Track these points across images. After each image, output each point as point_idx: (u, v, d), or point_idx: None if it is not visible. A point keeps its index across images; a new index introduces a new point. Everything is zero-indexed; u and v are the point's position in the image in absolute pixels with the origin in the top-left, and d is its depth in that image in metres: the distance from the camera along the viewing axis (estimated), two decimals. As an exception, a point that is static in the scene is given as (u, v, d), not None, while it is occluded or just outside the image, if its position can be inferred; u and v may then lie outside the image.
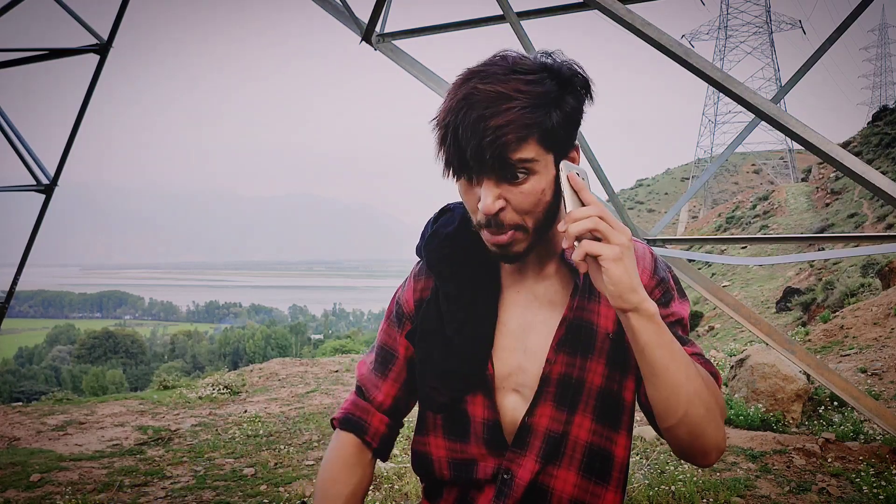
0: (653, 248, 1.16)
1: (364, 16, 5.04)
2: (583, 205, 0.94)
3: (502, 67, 0.97)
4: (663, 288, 1.09)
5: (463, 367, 1.12)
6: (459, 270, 1.13)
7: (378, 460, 1.29)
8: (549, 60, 1.01)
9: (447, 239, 1.16)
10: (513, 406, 1.11)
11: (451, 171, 1.00)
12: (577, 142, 1.06)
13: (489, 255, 1.07)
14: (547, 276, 1.12)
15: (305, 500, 4.30)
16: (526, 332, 1.11)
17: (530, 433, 1.09)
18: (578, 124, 1.04)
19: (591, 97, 1.04)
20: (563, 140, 1.00)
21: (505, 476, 1.11)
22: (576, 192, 0.95)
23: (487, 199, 0.98)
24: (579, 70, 1.02)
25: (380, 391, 1.28)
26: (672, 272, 1.13)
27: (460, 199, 1.07)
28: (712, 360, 7.71)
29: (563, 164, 0.97)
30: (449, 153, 0.98)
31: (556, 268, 1.11)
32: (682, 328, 1.09)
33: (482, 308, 1.11)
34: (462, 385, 1.14)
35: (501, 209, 0.99)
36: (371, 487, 4.49)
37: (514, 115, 0.93)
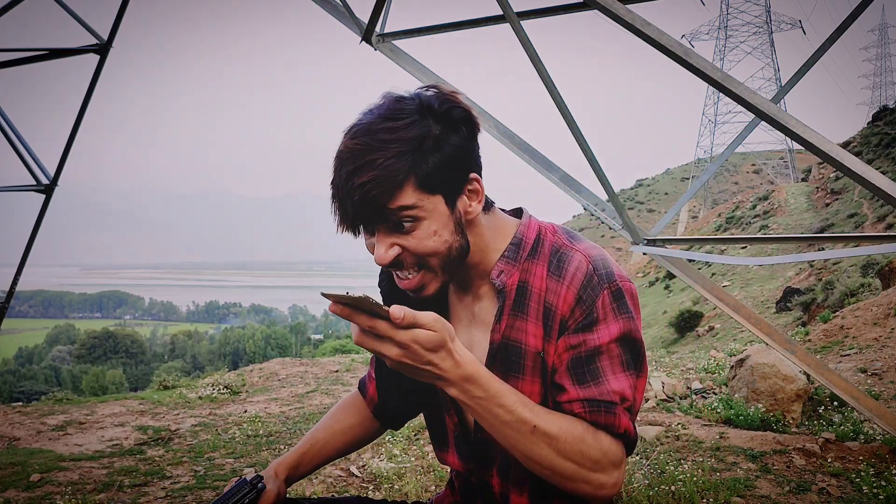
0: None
1: (364, 16, 5.04)
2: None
3: (374, 116, 0.99)
4: (585, 310, 1.02)
5: (407, 384, 1.18)
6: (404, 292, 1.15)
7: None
8: (426, 96, 1.01)
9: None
10: (474, 420, 1.15)
11: (341, 228, 1.03)
12: (474, 174, 1.04)
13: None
14: (481, 296, 1.14)
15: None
16: (469, 348, 1.13)
17: (488, 446, 1.13)
18: (467, 160, 1.03)
19: (477, 129, 1.04)
20: (446, 180, 1.00)
21: (483, 485, 1.18)
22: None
23: (380, 249, 1.01)
24: (458, 102, 1.01)
25: (372, 369, 1.39)
26: (613, 289, 1.03)
27: None
28: (712, 360, 7.62)
29: (324, 296, 0.90)
30: (336, 211, 1.01)
31: (488, 289, 1.13)
32: (596, 358, 1.01)
33: None
34: (418, 396, 1.21)
35: (398, 255, 1.02)
36: (371, 487, 4.49)
37: (377, 171, 0.95)
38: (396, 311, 0.87)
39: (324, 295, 0.88)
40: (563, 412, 1.01)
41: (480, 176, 1.06)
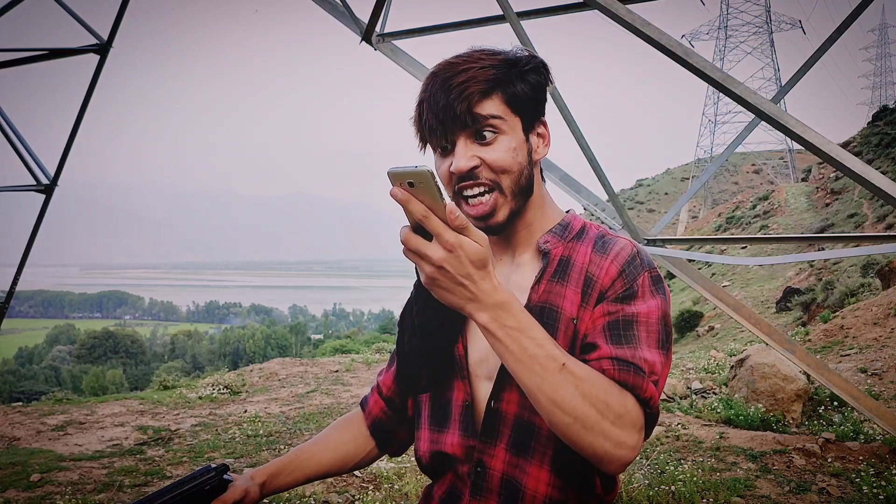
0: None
1: (364, 16, 5.04)
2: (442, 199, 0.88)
3: (467, 52, 1.08)
4: (626, 283, 1.05)
5: (429, 347, 1.14)
6: None
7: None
8: (511, 50, 1.10)
9: None
10: (485, 393, 1.12)
11: (425, 142, 1.08)
12: (544, 119, 1.13)
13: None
14: (521, 263, 1.15)
15: (305, 499, 4.30)
16: None
17: (499, 420, 1.09)
18: (543, 100, 1.11)
19: (551, 79, 1.12)
20: (528, 106, 1.08)
21: (479, 469, 1.11)
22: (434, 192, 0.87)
23: (460, 158, 1.04)
24: (538, 56, 1.11)
25: (383, 378, 1.35)
26: (653, 273, 1.08)
27: None
28: (712, 360, 7.63)
29: (393, 171, 0.87)
30: (421, 122, 1.06)
31: (531, 256, 1.14)
32: (634, 326, 1.02)
33: None
34: (435, 366, 1.16)
35: (475, 167, 1.04)
36: (371, 487, 4.49)
37: (475, 73, 1.03)
38: (452, 207, 0.87)
39: (390, 174, 0.86)
40: None
41: (545, 123, 1.14)
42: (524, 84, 1.06)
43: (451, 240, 0.86)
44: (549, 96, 1.14)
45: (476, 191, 1.06)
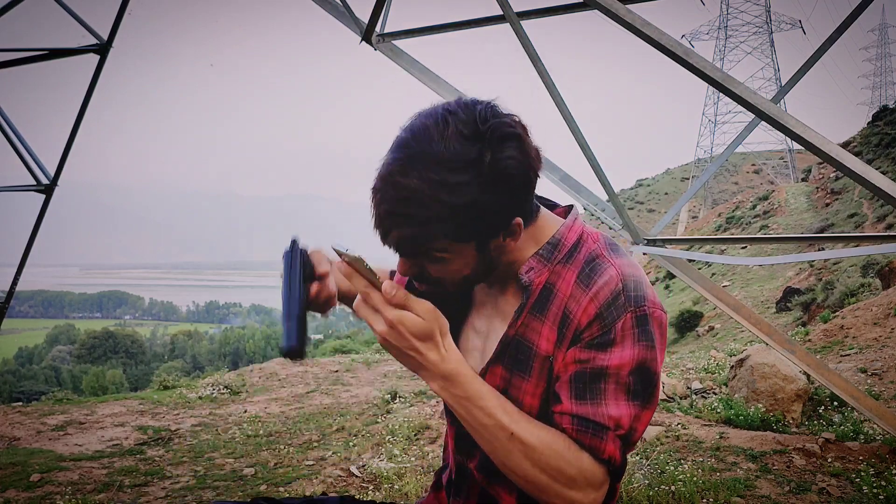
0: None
1: (364, 16, 5.04)
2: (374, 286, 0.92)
3: (426, 153, 0.90)
4: (603, 328, 0.98)
5: None
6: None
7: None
8: (490, 136, 0.91)
9: None
10: None
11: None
12: (517, 220, 0.98)
13: None
14: (507, 290, 1.14)
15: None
16: (487, 335, 1.14)
17: (471, 442, 1.09)
18: (514, 211, 0.97)
19: (534, 178, 0.97)
20: (483, 235, 0.97)
21: (457, 477, 1.18)
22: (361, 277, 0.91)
23: (403, 266, 1.03)
24: (521, 159, 0.93)
25: None
26: (638, 313, 0.98)
27: None
28: (712, 360, 7.60)
29: (335, 248, 0.91)
30: (373, 220, 0.97)
31: (514, 286, 1.12)
32: (601, 379, 0.97)
33: (452, 303, 1.14)
34: None
35: (419, 273, 1.03)
36: (371, 487, 4.49)
37: (414, 231, 0.92)
38: (388, 286, 0.88)
39: (333, 248, 0.90)
40: (553, 423, 1.00)
41: (529, 213, 1.03)
42: (481, 222, 0.93)
43: (390, 316, 0.89)
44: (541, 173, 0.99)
45: (422, 286, 1.07)
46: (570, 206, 1.16)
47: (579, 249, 1.07)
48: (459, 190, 0.90)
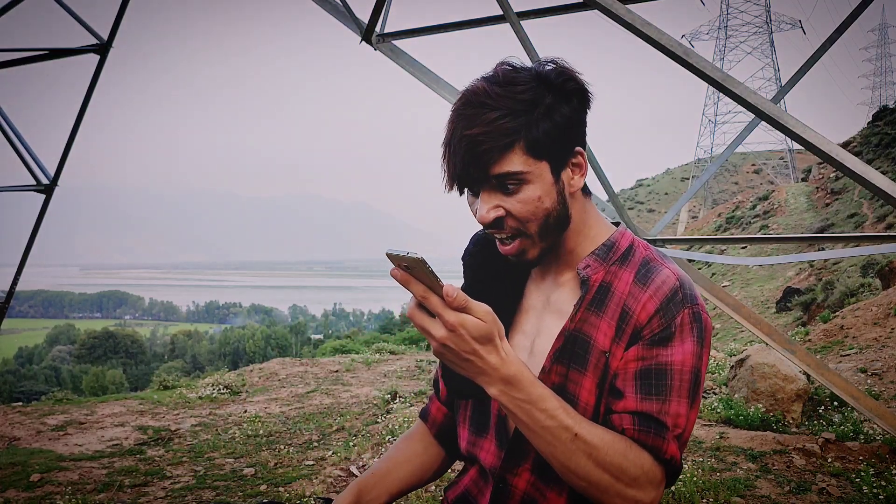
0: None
1: (364, 16, 5.04)
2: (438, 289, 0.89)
3: (489, 81, 1.01)
4: (663, 323, 1.00)
5: None
6: (485, 264, 1.17)
7: (452, 458, 1.36)
8: (543, 68, 1.03)
9: (481, 239, 1.21)
10: None
11: (448, 186, 1.04)
12: (579, 148, 1.05)
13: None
14: (562, 283, 1.13)
15: (305, 499, 4.30)
16: (536, 335, 1.13)
17: (527, 440, 1.07)
18: (576, 131, 1.04)
19: (588, 103, 1.05)
20: (554, 148, 1.01)
21: (501, 485, 1.12)
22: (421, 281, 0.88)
23: (482, 209, 1.02)
24: (573, 76, 1.03)
25: (441, 384, 1.36)
26: (694, 309, 1.01)
27: None
28: (712, 360, 7.60)
29: (390, 253, 0.89)
30: (445, 168, 1.03)
31: (572, 277, 1.12)
32: (666, 376, 0.99)
33: (500, 304, 1.11)
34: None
35: (499, 217, 1.03)
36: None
37: (490, 126, 0.96)
38: (449, 289, 0.86)
39: (388, 255, 0.87)
40: (610, 422, 0.99)
41: (585, 150, 1.07)
42: (550, 123, 0.99)
43: (452, 319, 0.87)
44: (591, 106, 1.06)
45: (502, 236, 1.06)
46: (617, 222, 1.19)
47: (633, 254, 1.09)
48: (527, 91, 0.99)
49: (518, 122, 0.97)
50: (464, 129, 0.97)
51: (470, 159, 0.98)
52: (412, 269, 0.87)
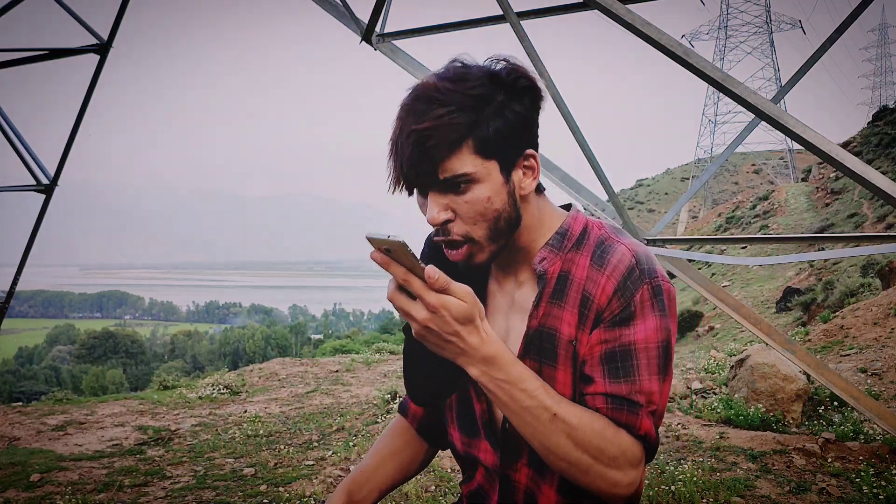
0: (653, 252, 1.07)
1: (364, 16, 5.05)
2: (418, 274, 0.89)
3: (439, 76, 0.99)
4: (623, 303, 1.00)
5: (441, 364, 1.10)
6: (443, 267, 1.16)
7: (435, 449, 1.37)
8: (495, 66, 1.01)
9: (434, 244, 1.18)
10: None
11: (394, 186, 1.01)
12: (531, 150, 1.03)
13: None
14: (522, 282, 1.13)
15: (306, 499, 4.30)
16: (506, 336, 1.12)
17: (517, 438, 1.09)
18: (527, 131, 1.02)
19: (540, 103, 1.03)
20: (505, 147, 0.99)
21: (505, 482, 1.13)
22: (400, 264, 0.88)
23: (432, 210, 1.00)
24: (525, 73, 1.01)
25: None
26: (654, 283, 1.01)
27: None
28: (712, 360, 7.59)
29: (369, 237, 0.89)
30: (392, 166, 1.00)
31: (530, 275, 1.11)
32: (631, 356, 0.99)
33: None
34: (446, 381, 1.16)
35: (448, 220, 1.01)
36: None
37: (439, 121, 0.94)
38: (431, 270, 0.86)
39: (368, 238, 0.87)
40: (585, 405, 1.00)
41: (538, 153, 1.05)
42: (501, 121, 0.97)
43: (433, 301, 0.87)
44: (543, 106, 1.04)
45: (450, 240, 1.03)
46: (569, 204, 1.17)
47: (587, 237, 1.09)
48: (478, 87, 0.97)
49: (468, 118, 0.95)
50: (412, 124, 0.95)
51: (418, 155, 0.96)
52: (393, 253, 0.87)
